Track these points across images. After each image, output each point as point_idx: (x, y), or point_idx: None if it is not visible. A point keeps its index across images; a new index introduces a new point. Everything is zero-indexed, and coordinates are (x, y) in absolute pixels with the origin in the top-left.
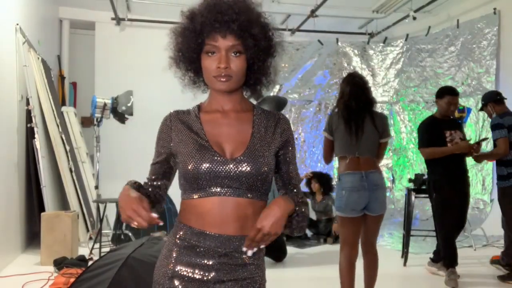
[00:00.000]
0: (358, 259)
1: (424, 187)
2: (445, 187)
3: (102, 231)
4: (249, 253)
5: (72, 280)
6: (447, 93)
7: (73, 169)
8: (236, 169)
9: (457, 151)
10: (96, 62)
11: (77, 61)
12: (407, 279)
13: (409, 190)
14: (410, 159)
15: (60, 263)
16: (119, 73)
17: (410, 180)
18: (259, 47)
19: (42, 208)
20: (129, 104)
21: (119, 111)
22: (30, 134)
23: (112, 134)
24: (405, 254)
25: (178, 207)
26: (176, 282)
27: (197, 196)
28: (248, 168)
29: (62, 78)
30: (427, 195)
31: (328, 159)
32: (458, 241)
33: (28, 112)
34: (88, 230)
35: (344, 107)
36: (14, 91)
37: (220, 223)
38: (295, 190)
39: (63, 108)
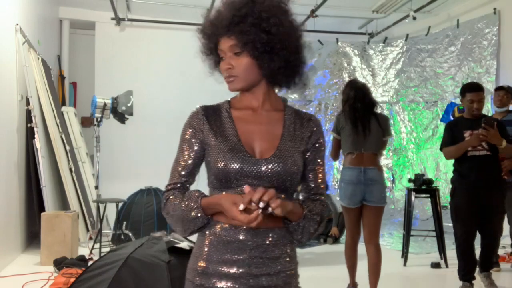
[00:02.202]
0: (361, 259)
1: (424, 187)
2: (459, 195)
3: (102, 231)
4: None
5: (72, 280)
6: (467, 91)
7: (73, 169)
8: (266, 169)
9: (465, 145)
10: (96, 62)
11: (77, 61)
12: (407, 279)
13: (409, 190)
14: (410, 159)
15: (60, 263)
16: (119, 73)
17: (410, 180)
18: (259, 41)
19: (42, 208)
20: (129, 104)
21: (119, 111)
22: (30, 134)
23: (112, 134)
24: (405, 254)
25: None
26: (209, 279)
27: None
28: (278, 169)
29: (62, 78)
30: (427, 195)
31: (336, 156)
32: None
33: (28, 112)
34: (88, 230)
35: (350, 108)
36: (14, 91)
37: None
38: (317, 196)
39: (63, 108)
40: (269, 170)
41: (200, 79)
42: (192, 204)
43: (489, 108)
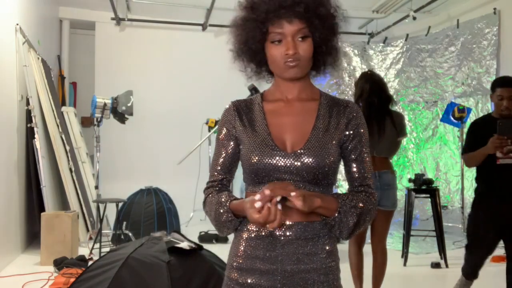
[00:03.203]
0: (365, 259)
1: (424, 187)
2: (480, 209)
3: (102, 231)
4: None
5: (72, 280)
6: (498, 85)
7: (73, 169)
8: (296, 163)
9: (482, 152)
10: (96, 62)
11: (77, 61)
12: (407, 279)
13: (409, 190)
14: (410, 159)
15: (60, 263)
16: (119, 73)
17: (410, 180)
18: (326, 27)
19: (42, 208)
20: (129, 104)
21: (119, 111)
22: (30, 134)
23: (112, 134)
24: (405, 254)
25: (178, 208)
26: (243, 275)
27: (258, 190)
28: (308, 162)
29: (62, 78)
30: (427, 195)
31: None
32: (458, 241)
33: (28, 112)
34: (88, 230)
35: (366, 104)
36: (14, 91)
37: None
38: (362, 188)
39: (63, 108)
40: (299, 164)
41: (200, 79)
42: (221, 209)
43: (489, 108)
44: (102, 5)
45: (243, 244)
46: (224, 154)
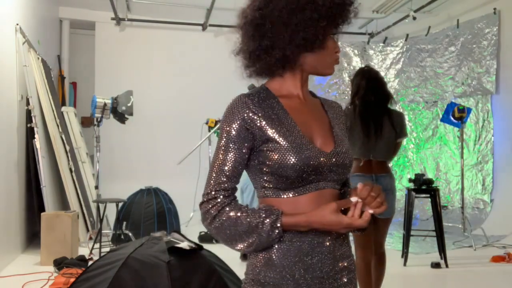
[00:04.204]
0: None
1: (424, 187)
2: None
3: (102, 231)
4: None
5: (72, 280)
6: None
7: (73, 169)
8: (336, 161)
9: None
10: (96, 62)
11: (77, 61)
12: (407, 279)
13: (409, 190)
14: (410, 159)
15: (60, 263)
16: (119, 73)
17: (410, 180)
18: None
19: (42, 208)
20: (129, 104)
21: (119, 111)
22: (30, 134)
23: (112, 134)
24: (405, 254)
25: (178, 208)
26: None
27: (293, 194)
28: (344, 160)
29: (62, 78)
30: (427, 195)
31: None
32: (458, 241)
33: (28, 112)
34: (88, 230)
35: (362, 102)
36: (14, 91)
37: None
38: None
39: (63, 108)
40: (339, 162)
41: (200, 79)
42: (268, 225)
43: (489, 108)
44: (102, 5)
45: (276, 256)
46: (236, 156)
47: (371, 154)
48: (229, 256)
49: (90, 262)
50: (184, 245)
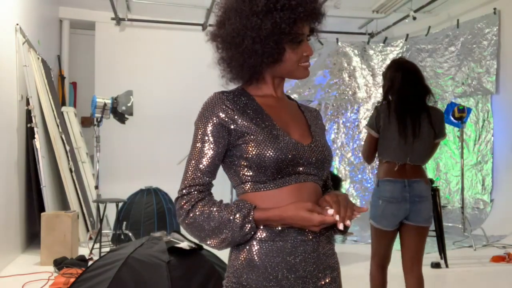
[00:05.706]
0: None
1: None
2: None
3: (102, 231)
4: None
5: (72, 280)
6: None
7: (73, 169)
8: (315, 156)
9: None
10: (96, 62)
11: (77, 61)
12: None
13: None
14: None
15: (60, 263)
16: (119, 73)
17: None
18: (318, 27)
19: (42, 208)
20: (129, 104)
21: (119, 111)
22: (30, 134)
23: (112, 134)
24: None
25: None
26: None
27: (273, 186)
28: (323, 156)
29: (62, 78)
30: None
31: (370, 159)
32: (457, 241)
33: (28, 112)
34: (88, 230)
35: (398, 97)
36: (14, 91)
37: None
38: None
39: (63, 108)
40: (318, 155)
41: (200, 79)
42: (239, 220)
43: (489, 108)
44: (102, 5)
45: (257, 256)
46: (212, 151)
47: (408, 157)
48: None
49: (90, 262)
50: (184, 245)
